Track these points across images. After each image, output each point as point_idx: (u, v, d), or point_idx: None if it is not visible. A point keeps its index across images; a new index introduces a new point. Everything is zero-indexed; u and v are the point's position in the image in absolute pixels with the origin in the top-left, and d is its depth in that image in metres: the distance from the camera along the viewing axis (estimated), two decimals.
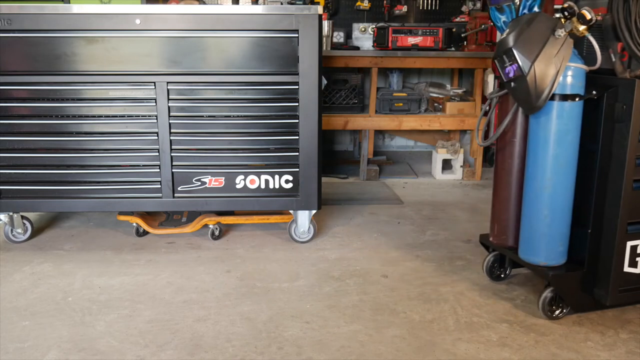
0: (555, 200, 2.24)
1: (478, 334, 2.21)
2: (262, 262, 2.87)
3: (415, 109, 4.50)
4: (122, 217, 3.15)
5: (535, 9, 2.26)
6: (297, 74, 2.87)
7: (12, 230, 3.09)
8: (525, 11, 2.26)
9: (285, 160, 2.99)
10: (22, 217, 3.11)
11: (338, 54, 4.32)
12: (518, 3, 2.29)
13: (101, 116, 2.92)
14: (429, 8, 5.06)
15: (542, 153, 2.23)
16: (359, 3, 4.98)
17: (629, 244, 2.24)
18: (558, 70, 2.09)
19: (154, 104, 2.89)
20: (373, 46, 4.55)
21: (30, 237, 3.15)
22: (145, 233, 3.20)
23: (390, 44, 4.34)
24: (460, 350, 2.11)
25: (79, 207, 3.01)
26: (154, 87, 2.87)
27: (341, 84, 4.42)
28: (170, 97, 2.89)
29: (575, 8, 2.07)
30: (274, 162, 2.99)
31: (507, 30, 2.17)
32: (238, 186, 2.99)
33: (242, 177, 2.99)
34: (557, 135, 2.18)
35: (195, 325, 2.27)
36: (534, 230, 2.31)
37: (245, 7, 3.19)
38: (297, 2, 4.54)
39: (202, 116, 2.94)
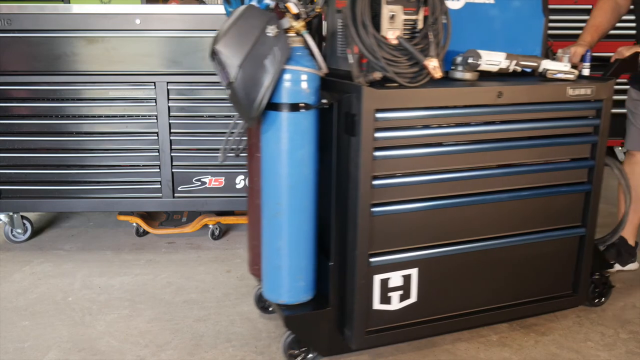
0: (291, 227, 1.88)
1: (478, 333, 2.21)
2: None
3: None
4: (122, 217, 3.15)
5: (267, 0, 1.84)
6: None
7: (12, 230, 3.09)
8: (254, 3, 1.86)
9: None
10: (22, 217, 3.11)
11: None
12: None
13: (101, 116, 2.92)
14: None
15: (272, 172, 1.86)
16: None
17: (378, 277, 1.91)
18: (273, 75, 1.72)
19: (154, 104, 2.89)
20: None
21: (30, 237, 3.15)
22: (145, 233, 3.20)
23: None
24: (460, 350, 2.11)
25: (79, 207, 3.02)
26: (154, 87, 2.87)
27: None
28: (170, 97, 2.89)
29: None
30: None
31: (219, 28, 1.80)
32: (238, 186, 2.99)
33: (242, 177, 2.99)
34: (286, 152, 1.81)
35: (195, 325, 2.27)
36: (269, 262, 1.96)
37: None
38: None
39: (202, 116, 2.94)
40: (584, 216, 2.20)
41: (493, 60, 1.99)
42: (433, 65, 1.79)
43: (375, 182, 1.83)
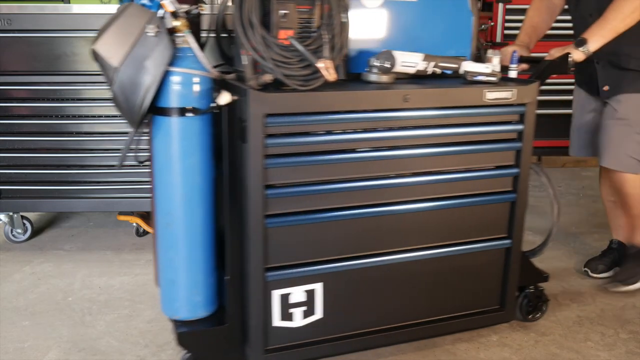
0: (184, 239, 1.78)
1: (478, 333, 2.21)
2: None
3: None
4: (122, 217, 3.15)
5: None
6: None
7: (12, 230, 3.08)
8: (144, 1, 1.74)
9: None
10: (22, 217, 3.10)
11: None
12: None
13: (101, 116, 2.92)
14: None
15: (162, 180, 1.77)
16: None
17: (277, 292, 1.79)
18: (153, 77, 1.61)
19: None
20: None
21: (30, 237, 3.15)
22: (145, 233, 3.19)
23: None
24: (460, 350, 2.11)
25: (79, 207, 3.01)
26: None
27: None
28: None
29: None
30: None
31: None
32: None
33: None
34: (176, 158, 1.72)
35: None
36: (164, 276, 1.85)
37: None
38: None
39: None
40: (509, 227, 2.06)
41: (409, 61, 1.85)
42: (325, 67, 1.66)
43: (269, 192, 1.71)
